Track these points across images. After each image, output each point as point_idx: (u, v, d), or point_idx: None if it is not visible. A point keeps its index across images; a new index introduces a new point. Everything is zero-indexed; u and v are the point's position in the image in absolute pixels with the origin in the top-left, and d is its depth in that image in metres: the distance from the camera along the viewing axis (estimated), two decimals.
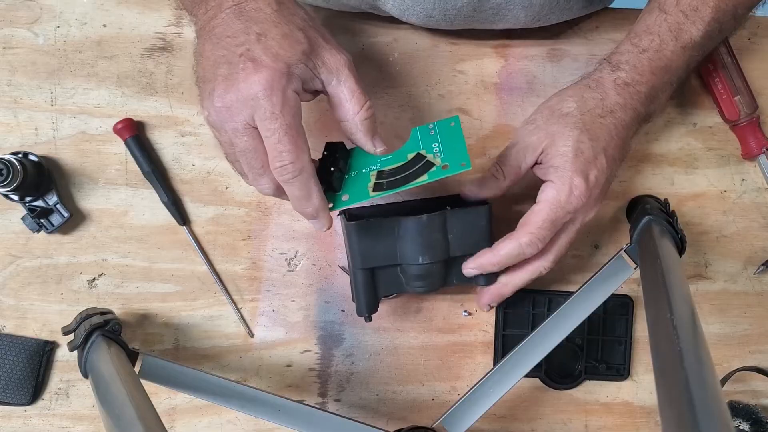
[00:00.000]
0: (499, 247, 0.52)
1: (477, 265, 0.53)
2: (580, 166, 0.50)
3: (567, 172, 0.50)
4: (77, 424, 0.59)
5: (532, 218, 0.51)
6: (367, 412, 0.62)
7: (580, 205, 0.51)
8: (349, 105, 0.46)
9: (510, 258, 0.52)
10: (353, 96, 0.46)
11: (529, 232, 0.51)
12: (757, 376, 0.64)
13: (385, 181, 0.48)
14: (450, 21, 0.57)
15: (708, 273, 0.64)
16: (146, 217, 0.60)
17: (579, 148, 0.51)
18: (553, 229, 0.51)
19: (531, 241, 0.51)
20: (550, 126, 0.52)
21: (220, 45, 0.43)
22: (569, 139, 0.51)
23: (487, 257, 0.52)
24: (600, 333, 0.63)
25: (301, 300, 0.61)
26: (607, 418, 0.63)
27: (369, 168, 0.49)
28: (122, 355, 0.50)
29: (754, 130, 0.63)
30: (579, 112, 0.52)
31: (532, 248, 0.51)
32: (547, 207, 0.51)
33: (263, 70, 0.42)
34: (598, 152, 0.51)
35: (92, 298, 0.59)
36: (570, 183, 0.50)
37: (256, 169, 0.45)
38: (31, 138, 0.59)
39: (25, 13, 0.59)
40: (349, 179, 0.49)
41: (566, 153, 0.51)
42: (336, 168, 0.48)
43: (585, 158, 0.51)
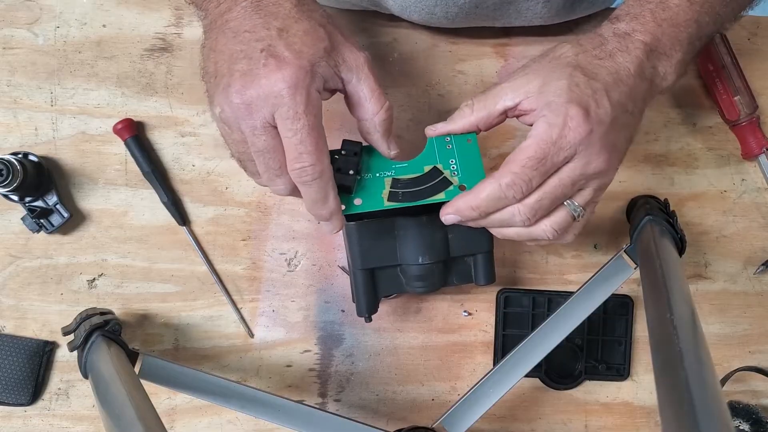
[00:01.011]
0: (478, 188, 0.45)
1: (454, 209, 0.46)
2: (576, 97, 0.43)
3: (560, 103, 0.43)
4: (77, 424, 0.59)
5: (517, 156, 0.43)
6: (367, 412, 0.62)
7: (577, 139, 0.42)
8: (368, 104, 0.45)
9: (490, 202, 0.44)
10: (373, 95, 0.45)
11: (511, 171, 0.43)
12: (757, 376, 0.64)
13: (401, 192, 0.47)
14: (451, 18, 0.57)
15: (708, 273, 0.64)
16: (146, 218, 0.60)
17: (574, 82, 0.43)
18: (542, 170, 0.43)
19: (513, 182, 0.43)
20: (541, 68, 0.46)
21: (238, 39, 0.42)
22: (563, 74, 0.44)
23: (465, 200, 0.45)
24: (600, 333, 0.63)
25: (301, 300, 0.61)
26: (607, 418, 0.63)
27: (383, 173, 0.48)
28: (122, 355, 0.50)
29: (754, 130, 0.63)
30: (573, 53, 0.46)
31: (515, 190, 0.43)
32: (536, 142, 0.43)
33: (287, 67, 0.40)
34: (597, 89, 0.44)
35: (92, 298, 0.59)
36: (564, 114, 0.42)
37: (273, 170, 0.43)
38: (30, 138, 0.59)
39: (25, 14, 0.59)
40: (361, 182, 0.47)
41: (560, 86, 0.43)
42: (355, 170, 0.46)
43: (581, 91, 0.43)
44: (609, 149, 0.44)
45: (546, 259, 0.63)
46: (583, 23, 0.63)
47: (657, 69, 0.47)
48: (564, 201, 0.45)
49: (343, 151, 0.47)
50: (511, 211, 0.45)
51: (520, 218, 0.45)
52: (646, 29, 0.46)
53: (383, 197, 0.47)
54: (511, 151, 0.44)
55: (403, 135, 0.62)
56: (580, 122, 0.42)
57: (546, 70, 0.45)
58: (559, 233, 0.46)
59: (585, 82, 0.44)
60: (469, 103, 0.47)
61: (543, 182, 0.44)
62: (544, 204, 0.44)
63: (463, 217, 0.46)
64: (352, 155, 0.47)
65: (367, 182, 0.47)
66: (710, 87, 0.63)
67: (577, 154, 0.43)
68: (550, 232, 0.46)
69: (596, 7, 0.61)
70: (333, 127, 0.61)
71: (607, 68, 0.45)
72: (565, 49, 0.46)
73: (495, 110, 0.46)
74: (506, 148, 0.62)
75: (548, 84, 0.44)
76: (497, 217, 0.45)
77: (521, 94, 0.45)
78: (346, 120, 0.61)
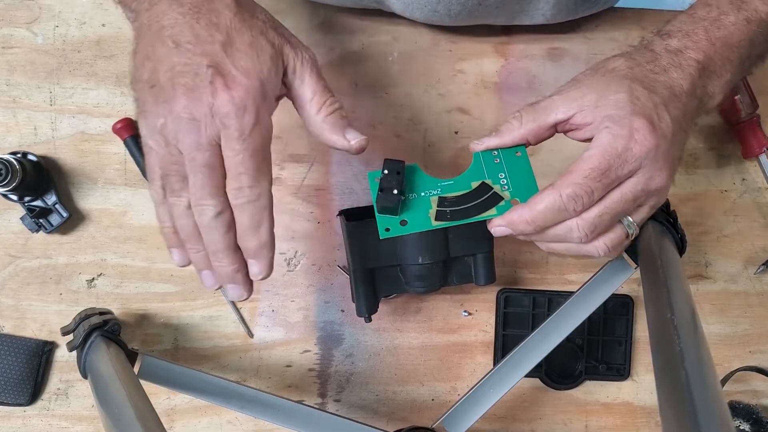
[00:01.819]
0: (535, 200, 0.42)
1: (507, 222, 0.43)
2: (640, 110, 0.41)
3: (624, 116, 0.41)
4: (76, 424, 0.59)
5: (580, 166, 0.41)
6: (366, 412, 0.62)
7: (643, 152, 0.40)
8: (310, 106, 0.43)
9: (548, 214, 0.42)
10: (314, 95, 0.43)
11: (573, 182, 0.41)
12: (757, 376, 0.63)
13: (449, 210, 0.44)
14: (454, 16, 0.57)
15: (708, 273, 0.64)
16: (145, 217, 0.60)
17: (635, 95, 0.42)
18: (605, 182, 0.41)
19: (575, 193, 0.41)
20: (595, 81, 0.44)
21: (179, 51, 0.39)
22: (621, 87, 0.42)
23: (520, 213, 0.43)
24: (600, 333, 0.63)
25: (300, 300, 0.61)
26: (607, 418, 0.63)
27: (428, 192, 0.45)
28: (121, 355, 0.50)
29: (754, 129, 0.63)
30: (627, 66, 0.44)
31: (576, 203, 0.41)
32: (600, 153, 0.41)
33: (236, 88, 0.39)
34: (657, 103, 0.42)
35: (91, 298, 0.59)
36: (630, 126, 0.41)
37: (207, 188, 0.40)
38: (30, 138, 0.59)
39: (24, 13, 0.59)
40: (406, 202, 0.45)
41: (621, 99, 0.42)
42: (399, 190, 0.44)
43: (643, 104, 0.41)
44: (670, 165, 0.42)
45: (546, 258, 0.63)
46: (584, 23, 0.63)
47: (707, 88, 0.45)
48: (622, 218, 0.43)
49: (385, 171, 0.45)
50: (569, 225, 0.42)
51: (578, 234, 0.42)
52: (699, 47, 0.44)
53: (430, 216, 0.45)
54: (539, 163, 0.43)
55: (402, 135, 0.61)
56: (646, 135, 0.41)
57: (601, 84, 0.43)
58: (611, 251, 0.44)
59: (646, 96, 0.42)
60: (517, 115, 0.45)
61: (604, 196, 0.42)
62: (605, 220, 0.42)
63: (516, 231, 0.43)
64: (394, 174, 0.45)
65: (413, 203, 0.45)
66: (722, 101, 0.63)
67: (641, 169, 0.41)
68: (603, 249, 0.44)
69: (599, 7, 0.61)
70: None
71: (663, 83, 0.43)
72: (618, 63, 0.45)
73: (546, 123, 0.44)
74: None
75: (606, 97, 0.42)
76: (552, 231, 0.43)
77: (575, 107, 0.43)
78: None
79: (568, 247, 0.45)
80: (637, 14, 0.63)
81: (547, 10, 0.58)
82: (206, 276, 0.44)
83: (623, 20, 0.63)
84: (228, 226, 0.41)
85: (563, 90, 0.45)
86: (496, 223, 0.44)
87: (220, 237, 0.41)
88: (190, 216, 0.42)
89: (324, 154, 0.61)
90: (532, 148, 0.47)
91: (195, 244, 0.43)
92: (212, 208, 0.40)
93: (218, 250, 0.42)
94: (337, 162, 0.61)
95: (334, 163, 0.61)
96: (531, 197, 0.43)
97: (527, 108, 0.45)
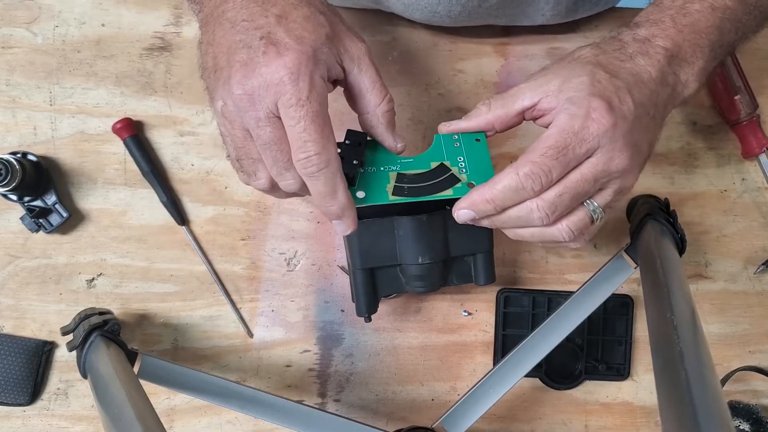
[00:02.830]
0: (494, 180, 0.42)
1: (468, 203, 0.44)
2: (599, 91, 0.42)
3: (583, 96, 0.42)
4: (76, 424, 0.59)
5: (537, 145, 0.41)
6: (366, 412, 0.62)
7: (600, 131, 0.41)
8: (370, 96, 0.43)
9: (507, 193, 0.42)
10: (374, 86, 0.43)
11: (530, 161, 0.41)
12: (757, 375, 0.63)
13: (407, 186, 0.45)
14: (454, 17, 0.57)
15: (708, 273, 0.64)
16: (145, 217, 0.60)
17: (596, 78, 0.42)
18: (563, 161, 0.41)
19: (532, 171, 0.41)
20: (561, 68, 0.45)
21: (236, 29, 0.40)
22: (584, 71, 0.43)
23: (480, 192, 0.43)
24: (600, 333, 0.63)
25: (300, 300, 0.61)
26: (607, 418, 0.63)
27: (388, 167, 0.46)
28: (121, 355, 0.50)
29: (754, 129, 0.63)
30: (593, 54, 0.45)
31: (533, 181, 0.41)
32: (557, 132, 0.41)
33: (288, 53, 0.38)
34: (619, 87, 0.42)
35: (91, 298, 0.59)
36: (587, 105, 0.41)
37: (281, 163, 0.41)
38: (29, 138, 0.59)
39: (24, 13, 0.59)
40: (365, 175, 0.45)
41: (582, 82, 0.42)
42: (359, 161, 0.44)
43: (604, 87, 0.42)
44: (632, 148, 0.42)
45: (546, 258, 0.63)
46: (583, 23, 0.63)
47: (678, 76, 0.45)
48: (584, 200, 0.43)
49: (347, 141, 0.45)
50: (529, 206, 0.42)
51: (539, 214, 0.42)
52: (666, 35, 0.45)
53: (387, 191, 0.45)
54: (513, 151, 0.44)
55: (402, 134, 0.61)
56: (603, 114, 0.41)
57: (565, 70, 0.44)
58: (575, 235, 0.44)
59: (607, 79, 0.42)
60: (486, 102, 0.46)
61: (564, 177, 0.42)
62: (565, 200, 0.42)
63: (478, 212, 0.44)
64: (356, 145, 0.45)
65: (371, 176, 0.46)
66: (710, 86, 0.63)
67: (599, 148, 0.41)
68: (567, 232, 0.44)
69: (599, 8, 0.61)
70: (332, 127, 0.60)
71: (628, 69, 0.44)
72: (584, 51, 0.45)
73: (513, 110, 0.45)
74: (507, 147, 0.61)
75: (568, 81, 0.43)
76: (514, 213, 0.43)
77: (540, 93, 0.44)
78: (345, 118, 0.61)
79: (532, 231, 0.45)
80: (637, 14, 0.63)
81: (547, 11, 0.58)
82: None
83: (623, 20, 0.62)
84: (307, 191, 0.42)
85: (531, 78, 0.45)
86: (459, 206, 0.44)
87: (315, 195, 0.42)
88: (278, 189, 0.43)
89: None
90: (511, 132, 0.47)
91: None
92: (294, 183, 0.42)
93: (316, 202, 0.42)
94: None
95: None
96: (492, 177, 0.43)
97: (497, 96, 0.46)
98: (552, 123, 0.42)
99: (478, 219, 0.45)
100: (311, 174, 0.40)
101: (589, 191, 0.43)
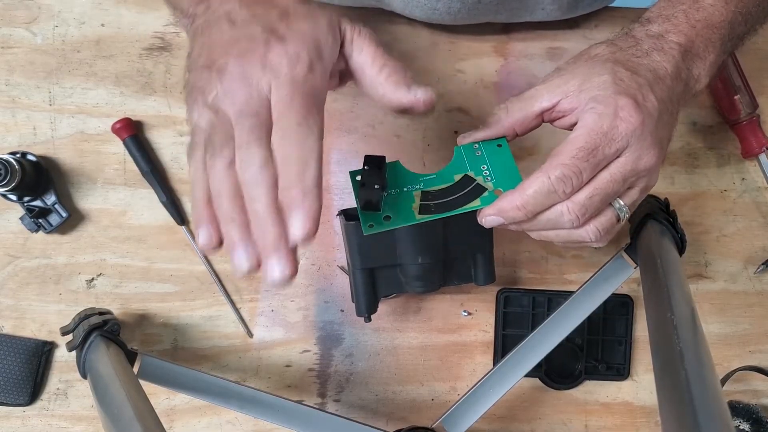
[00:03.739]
0: (524, 185, 0.41)
1: (497, 210, 0.42)
2: (624, 90, 0.41)
3: (608, 95, 0.41)
4: (76, 424, 0.59)
5: (567, 147, 0.41)
6: (366, 412, 0.62)
7: (630, 129, 0.40)
8: (370, 69, 0.42)
9: (538, 198, 0.41)
10: (375, 59, 0.42)
11: (561, 164, 0.40)
12: (757, 375, 0.63)
13: (432, 204, 0.44)
14: (453, 14, 0.57)
15: (708, 272, 0.64)
16: (145, 217, 0.59)
17: (618, 76, 0.42)
18: (594, 162, 0.40)
19: (563, 174, 0.40)
20: (578, 68, 0.44)
21: (235, 28, 0.39)
22: (605, 69, 0.42)
23: (510, 199, 0.42)
24: (600, 333, 0.63)
25: (300, 300, 0.61)
26: (607, 418, 0.63)
27: (411, 187, 0.45)
28: (121, 355, 0.50)
29: (754, 129, 0.63)
30: (609, 51, 0.44)
31: (565, 184, 0.40)
32: (586, 132, 0.40)
33: (291, 42, 0.38)
34: (641, 84, 0.42)
35: (91, 298, 0.59)
36: (614, 104, 0.40)
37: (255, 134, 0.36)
38: (29, 138, 0.59)
39: (24, 13, 0.59)
40: (389, 198, 0.44)
41: (605, 81, 0.42)
42: (381, 185, 0.43)
43: (627, 84, 0.41)
44: (658, 145, 0.42)
45: (546, 258, 0.63)
46: (581, 20, 0.63)
47: (691, 71, 0.45)
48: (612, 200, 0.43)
49: (366, 167, 0.44)
50: (560, 209, 0.41)
51: (569, 217, 0.41)
52: (679, 30, 0.45)
53: (414, 210, 0.44)
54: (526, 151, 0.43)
55: (402, 135, 0.61)
56: (631, 112, 0.40)
57: (583, 69, 0.43)
58: (602, 235, 0.43)
59: (629, 77, 0.42)
60: (503, 107, 0.45)
61: (593, 178, 0.41)
62: (595, 201, 0.41)
63: (507, 219, 0.42)
64: (376, 169, 0.44)
65: (396, 198, 0.45)
66: (710, 86, 0.63)
67: (628, 147, 0.41)
68: (594, 233, 0.43)
69: (597, 5, 0.61)
70: (332, 127, 0.61)
71: (646, 66, 0.43)
72: (600, 49, 0.45)
73: (532, 112, 0.44)
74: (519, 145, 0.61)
75: (589, 80, 0.42)
76: (544, 217, 0.42)
77: (559, 94, 0.43)
78: (345, 118, 0.61)
79: (558, 233, 0.44)
80: (637, 13, 0.62)
81: (547, 4, 0.57)
82: (240, 254, 0.36)
83: (623, 19, 0.63)
84: (273, 182, 0.36)
85: (547, 79, 0.45)
86: (486, 213, 0.43)
87: (264, 193, 0.35)
88: (230, 176, 0.36)
89: (323, 153, 0.61)
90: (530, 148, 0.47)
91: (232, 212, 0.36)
92: (258, 156, 0.36)
93: (261, 210, 0.35)
94: (337, 162, 0.61)
95: (334, 162, 0.61)
96: (519, 183, 0.42)
97: (513, 99, 0.45)
98: (578, 124, 0.42)
99: (506, 223, 0.43)
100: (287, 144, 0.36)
101: (619, 191, 0.42)
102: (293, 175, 0.35)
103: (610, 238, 0.45)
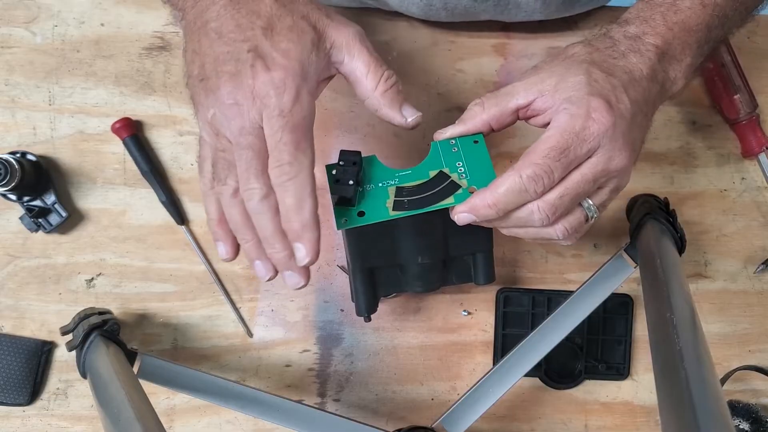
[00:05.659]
0: (496, 183, 0.42)
1: (469, 207, 0.43)
2: (597, 91, 0.42)
3: (582, 96, 0.41)
4: (76, 424, 0.59)
5: (539, 146, 0.41)
6: (366, 412, 0.62)
7: (601, 131, 0.41)
8: (366, 81, 0.44)
9: (510, 197, 0.41)
10: (369, 69, 0.43)
11: (532, 163, 0.40)
12: (757, 375, 0.63)
13: (407, 200, 0.44)
14: (450, 10, 0.56)
15: (708, 272, 0.64)
16: (144, 217, 0.59)
17: (592, 77, 0.42)
18: (565, 162, 0.41)
19: (535, 173, 0.40)
20: (555, 67, 0.44)
21: (222, 41, 0.41)
22: (580, 70, 0.43)
23: (482, 197, 0.42)
24: (600, 332, 0.63)
25: (300, 300, 0.61)
26: (607, 417, 0.63)
27: (386, 182, 0.45)
28: (121, 355, 0.50)
29: (753, 128, 0.63)
30: (586, 52, 0.45)
31: (536, 183, 0.41)
32: (558, 133, 0.41)
33: (275, 69, 0.40)
34: (615, 85, 0.42)
35: (90, 298, 0.59)
36: (587, 105, 0.41)
37: (254, 169, 0.40)
38: (29, 137, 0.59)
39: (23, 12, 0.59)
40: (364, 194, 0.45)
41: (579, 81, 0.42)
42: (355, 180, 0.44)
43: (601, 86, 0.42)
44: (630, 146, 0.42)
45: (546, 258, 0.63)
46: (580, 20, 0.63)
47: (668, 73, 0.46)
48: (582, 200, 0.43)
49: (341, 162, 0.45)
50: (531, 208, 0.42)
51: (539, 216, 0.42)
52: (657, 32, 0.45)
53: (388, 207, 0.44)
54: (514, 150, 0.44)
55: (401, 134, 0.61)
56: (603, 114, 0.41)
57: (560, 69, 0.44)
58: (569, 234, 0.44)
59: (603, 78, 0.42)
60: (479, 101, 0.46)
61: (564, 177, 0.42)
62: (565, 201, 0.42)
63: (479, 216, 0.43)
64: (350, 165, 0.45)
65: (370, 193, 0.45)
66: (710, 85, 0.63)
67: (600, 148, 0.41)
68: (562, 232, 0.44)
69: (594, 3, 0.61)
70: (332, 126, 0.61)
71: (622, 67, 0.44)
72: (577, 49, 0.45)
73: (507, 108, 0.45)
74: (506, 146, 0.61)
75: (564, 81, 0.43)
76: (515, 215, 0.43)
77: (534, 92, 0.43)
78: (345, 118, 0.61)
79: (528, 230, 0.45)
80: None
81: (539, 6, 0.57)
82: (259, 266, 0.43)
83: None
84: (276, 210, 0.41)
85: (524, 76, 0.45)
86: (458, 210, 0.43)
87: (269, 221, 0.41)
88: (237, 203, 0.42)
89: (323, 153, 0.61)
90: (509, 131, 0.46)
91: (245, 233, 0.42)
92: (258, 191, 0.40)
93: (269, 235, 0.41)
94: None
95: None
96: (492, 181, 0.42)
97: (489, 95, 0.46)
98: (551, 123, 0.42)
99: (479, 221, 0.44)
100: (280, 183, 0.40)
101: (589, 191, 0.43)
102: (291, 211, 0.40)
103: (578, 236, 0.45)
